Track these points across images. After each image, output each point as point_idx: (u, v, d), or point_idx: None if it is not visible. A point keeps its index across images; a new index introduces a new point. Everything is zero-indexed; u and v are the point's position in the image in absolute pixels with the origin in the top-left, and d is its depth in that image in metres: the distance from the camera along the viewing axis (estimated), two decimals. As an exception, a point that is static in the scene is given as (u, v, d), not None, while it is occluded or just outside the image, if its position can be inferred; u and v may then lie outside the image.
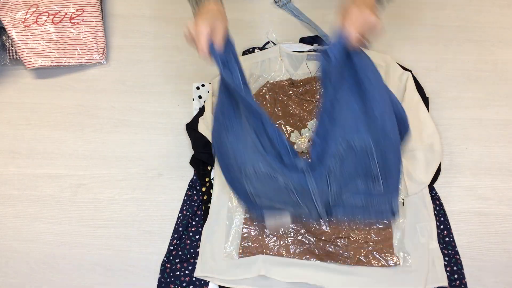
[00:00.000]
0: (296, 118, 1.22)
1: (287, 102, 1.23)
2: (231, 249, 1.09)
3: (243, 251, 1.08)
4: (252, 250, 1.09)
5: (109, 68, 1.39)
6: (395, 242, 1.08)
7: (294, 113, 1.22)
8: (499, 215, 1.18)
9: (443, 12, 1.45)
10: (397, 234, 1.09)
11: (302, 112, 1.22)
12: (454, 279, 1.09)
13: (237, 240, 1.10)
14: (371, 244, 1.08)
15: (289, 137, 1.20)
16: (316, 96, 1.23)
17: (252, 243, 1.09)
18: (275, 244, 1.09)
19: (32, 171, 1.26)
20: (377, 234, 1.09)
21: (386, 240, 1.08)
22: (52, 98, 1.35)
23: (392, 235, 1.09)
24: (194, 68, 1.38)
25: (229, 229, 1.11)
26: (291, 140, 1.20)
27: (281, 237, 1.10)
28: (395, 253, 1.07)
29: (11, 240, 1.18)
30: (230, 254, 1.09)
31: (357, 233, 1.09)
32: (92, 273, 1.15)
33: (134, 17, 1.46)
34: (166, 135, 1.29)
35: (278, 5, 1.45)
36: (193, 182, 1.21)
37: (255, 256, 1.08)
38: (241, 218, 1.12)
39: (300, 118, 1.22)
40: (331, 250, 1.08)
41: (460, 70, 1.35)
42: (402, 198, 1.12)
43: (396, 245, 1.08)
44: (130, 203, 1.21)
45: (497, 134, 1.27)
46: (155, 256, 1.15)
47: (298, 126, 1.21)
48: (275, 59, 1.29)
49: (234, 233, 1.11)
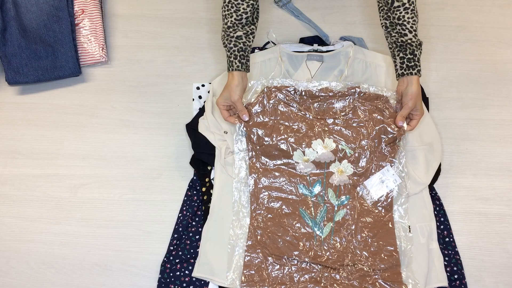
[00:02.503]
0: (300, 134, 1.15)
1: (290, 115, 1.17)
2: (234, 277, 1.06)
3: (246, 280, 1.06)
4: (255, 278, 1.06)
5: (109, 68, 1.39)
6: (403, 270, 1.05)
7: (298, 129, 1.16)
8: (499, 215, 1.18)
9: (443, 12, 1.45)
10: (405, 261, 1.06)
11: (307, 129, 1.16)
12: (454, 279, 1.09)
13: (240, 268, 1.07)
14: (377, 272, 1.05)
15: (292, 155, 1.15)
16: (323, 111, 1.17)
17: (255, 272, 1.06)
18: (279, 272, 1.06)
19: (32, 171, 1.26)
20: (384, 261, 1.06)
21: (393, 267, 1.05)
22: (52, 98, 1.35)
23: (399, 262, 1.05)
24: (194, 68, 1.38)
25: (231, 256, 1.09)
26: (295, 160, 1.14)
27: (284, 264, 1.07)
28: (403, 281, 1.04)
29: (11, 240, 1.18)
30: (233, 282, 1.06)
31: (363, 260, 1.06)
32: (92, 273, 1.15)
33: (134, 17, 1.46)
34: (166, 135, 1.29)
35: (278, 5, 1.45)
36: (193, 182, 1.21)
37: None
38: (243, 246, 1.09)
39: (304, 135, 1.15)
40: (336, 278, 1.05)
41: (460, 70, 1.36)
42: (409, 225, 1.10)
43: (404, 273, 1.05)
44: (130, 203, 1.21)
45: (497, 134, 1.27)
46: (155, 256, 1.15)
47: (301, 144, 1.14)
48: (275, 59, 1.29)
49: (237, 261, 1.08)
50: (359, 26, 1.42)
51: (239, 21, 1.10)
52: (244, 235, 1.10)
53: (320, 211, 1.11)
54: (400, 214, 1.11)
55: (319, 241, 1.09)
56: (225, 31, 1.12)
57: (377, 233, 1.09)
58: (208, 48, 1.40)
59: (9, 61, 1.31)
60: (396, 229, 1.09)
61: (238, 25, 1.11)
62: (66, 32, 1.35)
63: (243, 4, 1.09)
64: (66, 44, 1.34)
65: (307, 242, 1.09)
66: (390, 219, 1.10)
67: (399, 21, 1.08)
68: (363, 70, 1.26)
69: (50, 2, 1.38)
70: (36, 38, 1.34)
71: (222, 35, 1.13)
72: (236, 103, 1.13)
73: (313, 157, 1.15)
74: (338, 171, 1.14)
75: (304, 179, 1.14)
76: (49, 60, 1.33)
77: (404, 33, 1.08)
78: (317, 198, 1.13)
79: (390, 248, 1.07)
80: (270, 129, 1.15)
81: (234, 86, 1.12)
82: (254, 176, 1.14)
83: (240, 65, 1.11)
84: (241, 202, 1.13)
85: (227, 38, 1.11)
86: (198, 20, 1.45)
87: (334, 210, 1.11)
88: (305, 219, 1.11)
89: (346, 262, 1.06)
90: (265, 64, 1.29)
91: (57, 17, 1.36)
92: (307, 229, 1.10)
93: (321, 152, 1.14)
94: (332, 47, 1.30)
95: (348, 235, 1.09)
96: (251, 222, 1.11)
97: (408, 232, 1.09)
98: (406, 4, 1.06)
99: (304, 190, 1.13)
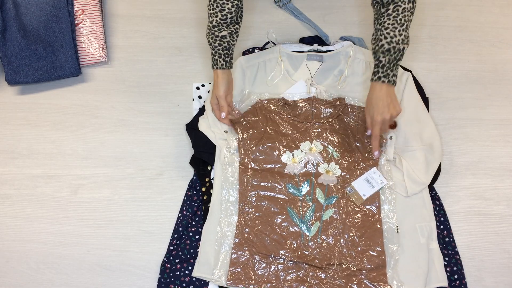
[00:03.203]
0: (289, 138, 1.19)
1: (279, 121, 1.21)
2: (220, 274, 1.07)
3: (231, 278, 1.06)
4: (241, 276, 1.06)
5: (109, 68, 1.39)
6: (388, 271, 1.06)
7: (287, 133, 1.19)
8: (499, 215, 1.18)
9: (443, 12, 1.45)
10: (391, 262, 1.07)
11: (295, 133, 1.19)
12: (454, 279, 1.09)
13: (226, 266, 1.07)
14: (363, 272, 1.05)
15: (280, 157, 1.17)
16: (311, 117, 1.21)
17: (241, 269, 1.07)
18: (265, 271, 1.07)
19: (32, 171, 1.26)
20: (370, 261, 1.06)
21: (379, 268, 1.06)
22: (52, 98, 1.35)
23: (385, 263, 1.06)
24: (194, 68, 1.38)
25: (217, 254, 1.09)
26: (282, 161, 1.17)
27: (271, 263, 1.07)
28: (389, 282, 1.04)
29: (11, 240, 1.18)
30: (219, 280, 1.07)
31: (350, 260, 1.07)
32: (92, 273, 1.15)
33: (134, 17, 1.46)
34: (166, 135, 1.29)
35: (278, 5, 1.45)
36: (193, 182, 1.21)
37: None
38: (231, 243, 1.10)
39: (293, 138, 1.19)
40: (322, 278, 1.05)
41: (460, 70, 1.36)
42: (397, 225, 1.10)
43: (389, 274, 1.05)
44: (130, 203, 1.21)
45: (497, 134, 1.27)
46: (155, 256, 1.15)
47: (290, 146, 1.18)
48: (275, 59, 1.29)
49: (223, 259, 1.08)
50: (359, 26, 1.42)
51: (223, 21, 1.13)
52: (231, 232, 1.11)
53: (308, 211, 1.12)
54: (387, 214, 1.11)
55: (306, 240, 1.09)
56: (210, 30, 1.15)
57: (365, 232, 1.09)
58: (208, 48, 1.40)
59: (9, 61, 1.31)
60: (383, 229, 1.10)
61: (223, 25, 1.13)
62: (66, 32, 1.35)
63: (228, 4, 1.11)
64: (66, 44, 1.34)
65: (294, 241, 1.09)
66: (378, 219, 1.11)
67: (379, 27, 1.05)
68: (363, 70, 1.26)
69: (50, 2, 1.38)
70: (36, 38, 1.34)
71: (207, 32, 1.16)
72: (220, 99, 1.18)
73: (302, 159, 1.17)
74: (326, 171, 1.15)
75: (292, 179, 1.15)
76: (49, 60, 1.33)
77: (380, 38, 1.05)
78: (305, 198, 1.13)
79: (377, 248, 1.08)
80: (260, 134, 1.19)
81: (219, 83, 1.17)
82: (243, 175, 1.15)
83: (224, 63, 1.16)
84: (229, 200, 1.14)
85: (212, 37, 1.15)
86: (198, 20, 1.45)
87: (322, 210, 1.12)
88: (293, 218, 1.11)
89: (333, 261, 1.07)
90: (265, 64, 1.29)
91: (57, 17, 1.36)
92: (295, 228, 1.10)
93: (310, 154, 1.17)
94: (332, 47, 1.30)
95: (336, 234, 1.09)
96: (239, 220, 1.11)
97: (396, 233, 1.09)
98: (389, 11, 1.03)
99: (292, 189, 1.14)
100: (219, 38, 1.14)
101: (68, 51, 1.34)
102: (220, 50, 1.15)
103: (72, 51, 1.34)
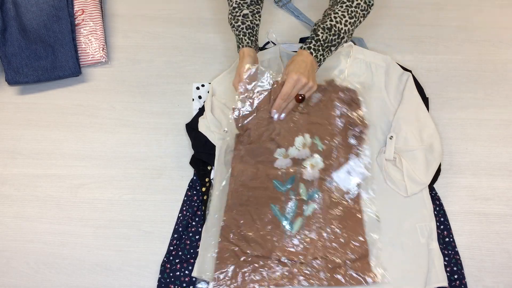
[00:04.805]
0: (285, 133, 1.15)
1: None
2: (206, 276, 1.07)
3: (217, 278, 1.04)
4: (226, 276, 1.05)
5: (109, 68, 1.39)
6: (372, 259, 1.06)
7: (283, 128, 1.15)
8: (499, 215, 1.18)
9: (443, 12, 1.45)
10: (373, 250, 1.06)
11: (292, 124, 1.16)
12: (454, 279, 1.09)
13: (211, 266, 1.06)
14: (348, 263, 1.05)
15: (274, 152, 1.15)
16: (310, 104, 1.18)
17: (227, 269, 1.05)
18: (249, 270, 1.05)
19: (32, 171, 1.26)
20: (354, 252, 1.06)
21: (363, 258, 1.06)
22: (52, 98, 1.35)
23: (368, 253, 1.06)
24: (194, 68, 1.38)
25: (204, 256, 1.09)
26: (275, 156, 1.15)
27: (256, 262, 1.06)
28: (372, 270, 1.04)
29: (11, 240, 1.18)
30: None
31: (333, 252, 1.06)
32: (92, 273, 1.15)
33: (134, 17, 1.46)
34: (166, 135, 1.29)
35: (278, 5, 1.45)
36: (193, 182, 1.21)
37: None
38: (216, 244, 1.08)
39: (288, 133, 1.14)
40: (307, 273, 1.05)
41: (460, 70, 1.36)
42: (377, 214, 1.10)
43: (373, 263, 1.05)
44: (130, 203, 1.21)
45: (497, 134, 1.27)
46: (155, 256, 1.15)
47: (284, 143, 1.15)
48: (275, 59, 1.29)
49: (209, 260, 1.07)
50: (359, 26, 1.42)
51: (243, 1, 1.10)
52: (217, 232, 1.10)
53: (290, 207, 1.11)
54: (367, 204, 1.11)
55: (289, 237, 1.09)
56: (231, 12, 1.12)
57: (346, 225, 1.09)
58: (208, 48, 1.40)
59: (9, 61, 1.31)
60: (364, 219, 1.10)
61: (244, 5, 1.11)
62: (66, 32, 1.35)
63: None
64: (66, 44, 1.34)
65: (278, 238, 1.08)
66: (358, 209, 1.11)
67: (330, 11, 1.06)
68: (363, 70, 1.26)
69: (50, 2, 1.38)
70: (36, 38, 1.34)
71: (229, 17, 1.13)
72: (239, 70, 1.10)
73: (294, 155, 1.15)
74: (310, 165, 1.14)
75: (278, 175, 1.14)
76: (49, 60, 1.33)
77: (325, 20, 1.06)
78: (289, 193, 1.12)
79: (360, 238, 1.08)
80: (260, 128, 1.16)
81: (244, 61, 1.10)
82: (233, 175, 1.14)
83: (250, 42, 1.11)
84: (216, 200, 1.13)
85: (233, 19, 1.12)
86: (198, 20, 1.45)
87: (305, 205, 1.11)
88: (277, 215, 1.11)
89: (317, 255, 1.06)
90: (265, 64, 1.29)
91: (57, 17, 1.36)
92: (279, 225, 1.10)
93: (301, 150, 1.15)
94: (332, 47, 1.30)
95: (318, 228, 1.09)
96: (224, 220, 1.11)
97: (377, 222, 1.09)
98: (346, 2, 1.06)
99: (278, 185, 1.13)
100: (241, 17, 1.11)
101: (68, 51, 1.34)
102: (244, 28, 1.11)
103: (72, 51, 1.34)
